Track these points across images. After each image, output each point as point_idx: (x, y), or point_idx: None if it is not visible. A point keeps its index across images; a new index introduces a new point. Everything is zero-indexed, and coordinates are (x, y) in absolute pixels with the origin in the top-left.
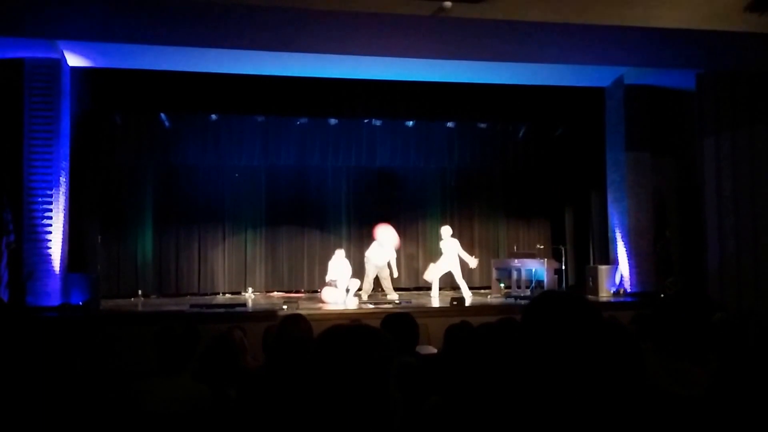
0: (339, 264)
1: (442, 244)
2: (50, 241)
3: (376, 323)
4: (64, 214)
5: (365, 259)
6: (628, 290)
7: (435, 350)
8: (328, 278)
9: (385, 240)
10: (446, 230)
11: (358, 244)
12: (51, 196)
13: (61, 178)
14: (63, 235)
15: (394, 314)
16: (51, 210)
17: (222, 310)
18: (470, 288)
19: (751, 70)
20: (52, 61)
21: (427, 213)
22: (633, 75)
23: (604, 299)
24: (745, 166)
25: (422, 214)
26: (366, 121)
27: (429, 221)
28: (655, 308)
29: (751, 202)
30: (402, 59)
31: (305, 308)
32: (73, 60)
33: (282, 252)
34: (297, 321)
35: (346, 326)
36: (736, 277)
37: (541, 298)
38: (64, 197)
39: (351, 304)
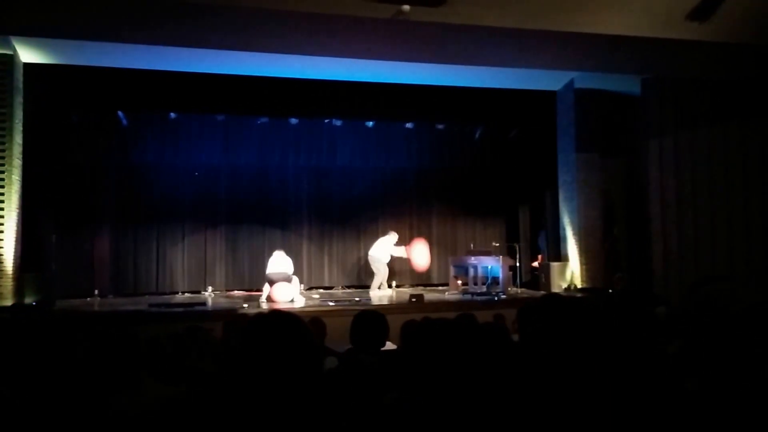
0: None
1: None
2: (2, 240)
3: (341, 320)
4: (17, 213)
5: (372, 259)
6: (579, 286)
7: (394, 346)
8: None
9: (416, 258)
10: None
11: (318, 242)
12: (3, 194)
13: (13, 176)
14: (16, 234)
15: (365, 312)
16: (3, 209)
17: (181, 309)
18: (428, 285)
19: (693, 76)
20: (4, 56)
21: (386, 212)
22: (583, 79)
23: None
24: (687, 167)
25: (382, 213)
26: (326, 121)
27: (389, 220)
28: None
29: (693, 201)
30: (362, 60)
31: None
32: (27, 56)
33: (242, 251)
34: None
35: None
36: (678, 273)
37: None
38: (17, 195)
39: (300, 301)
